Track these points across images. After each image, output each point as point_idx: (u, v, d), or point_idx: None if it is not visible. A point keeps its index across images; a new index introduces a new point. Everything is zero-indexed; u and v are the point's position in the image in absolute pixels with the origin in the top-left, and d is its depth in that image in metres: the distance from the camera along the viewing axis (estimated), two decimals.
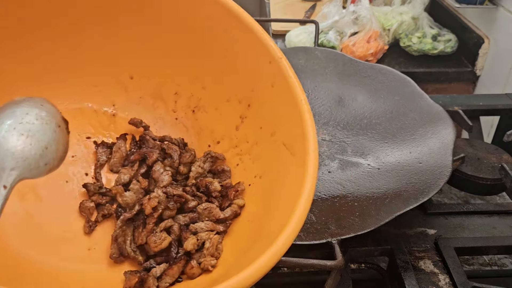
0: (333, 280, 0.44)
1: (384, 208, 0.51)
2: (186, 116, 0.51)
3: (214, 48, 0.47)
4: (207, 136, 0.50)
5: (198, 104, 0.50)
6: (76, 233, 0.43)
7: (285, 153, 0.42)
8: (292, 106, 0.42)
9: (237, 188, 0.45)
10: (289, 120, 0.42)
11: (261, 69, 0.45)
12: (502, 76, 1.07)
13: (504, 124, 0.77)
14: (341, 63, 0.79)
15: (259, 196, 0.44)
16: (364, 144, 0.65)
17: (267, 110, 0.45)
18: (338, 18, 1.24)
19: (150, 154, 0.47)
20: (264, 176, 0.44)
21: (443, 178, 0.53)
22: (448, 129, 0.61)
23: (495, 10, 1.09)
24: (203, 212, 0.43)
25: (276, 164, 0.43)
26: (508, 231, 0.58)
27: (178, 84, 0.50)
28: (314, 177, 0.37)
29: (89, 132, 0.49)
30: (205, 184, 0.45)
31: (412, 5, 1.25)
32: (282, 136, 0.43)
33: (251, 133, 0.47)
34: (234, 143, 0.48)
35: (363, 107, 0.72)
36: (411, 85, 0.71)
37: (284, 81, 0.43)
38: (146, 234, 0.41)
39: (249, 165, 0.46)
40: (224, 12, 0.45)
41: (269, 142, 0.44)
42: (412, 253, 0.54)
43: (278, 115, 0.44)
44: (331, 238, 0.47)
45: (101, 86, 0.49)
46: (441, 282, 0.50)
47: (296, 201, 0.35)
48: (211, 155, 0.47)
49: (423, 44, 1.19)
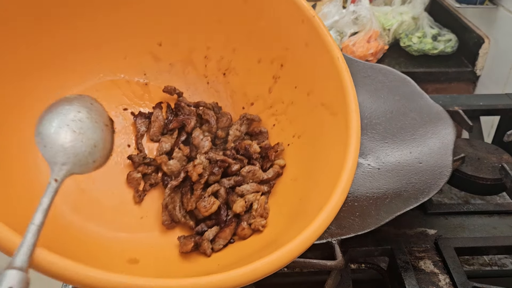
0: (333, 280, 0.44)
1: (384, 208, 0.51)
2: (218, 79, 0.50)
3: (243, 8, 0.46)
4: (240, 98, 0.49)
5: (229, 66, 0.50)
6: (127, 203, 0.44)
7: (324, 112, 0.42)
8: (329, 65, 0.41)
9: (277, 149, 0.45)
10: (326, 79, 0.42)
11: (293, 29, 0.44)
12: (502, 76, 1.07)
13: (504, 124, 0.77)
14: None
15: (300, 155, 0.44)
16: (364, 144, 0.65)
17: (302, 70, 0.45)
18: (338, 18, 1.24)
19: (188, 121, 0.47)
20: (303, 136, 0.44)
21: (443, 178, 0.53)
22: (448, 129, 0.61)
23: (495, 10, 1.09)
24: (247, 174, 0.44)
25: (315, 124, 0.43)
26: (508, 231, 0.58)
27: (207, 48, 0.50)
28: (358, 138, 0.37)
29: (125, 103, 0.49)
30: (244, 146, 0.46)
31: (412, 5, 1.25)
32: (320, 95, 0.43)
33: (285, 93, 0.46)
34: (269, 103, 0.48)
35: (363, 107, 0.72)
36: (411, 85, 0.71)
37: (318, 40, 0.42)
38: (195, 200, 0.42)
39: (286, 125, 0.46)
40: None
41: (305, 102, 0.44)
42: (412, 253, 0.54)
43: (313, 75, 0.43)
44: (331, 238, 0.47)
45: (130, 56, 0.49)
46: (441, 282, 0.50)
47: (341, 166, 0.35)
48: (246, 118, 0.48)
49: (423, 44, 1.19)
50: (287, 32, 0.45)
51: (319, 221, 0.33)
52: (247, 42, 0.48)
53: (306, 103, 0.44)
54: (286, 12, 0.44)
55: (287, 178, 0.44)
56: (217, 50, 0.50)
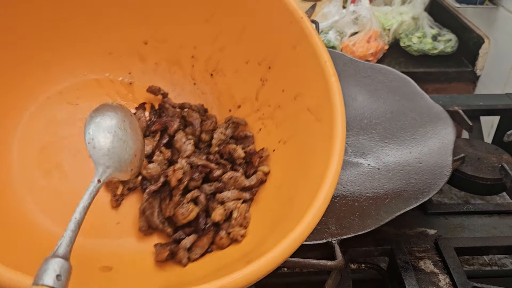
0: (333, 280, 0.44)
1: (384, 208, 0.51)
2: (205, 80, 0.49)
3: (231, 7, 0.45)
4: (227, 100, 0.48)
5: (216, 67, 0.48)
6: (104, 208, 0.42)
7: (310, 118, 0.40)
8: (316, 68, 0.40)
9: (261, 154, 0.44)
10: (313, 83, 0.40)
11: (281, 30, 0.43)
12: (502, 76, 1.07)
13: (504, 124, 0.77)
14: (341, 63, 0.79)
15: (285, 162, 0.43)
16: (364, 144, 0.65)
17: (289, 73, 0.43)
18: (338, 18, 1.24)
19: (171, 124, 0.46)
20: (289, 142, 0.43)
21: (443, 178, 0.53)
22: (448, 129, 0.61)
23: (495, 10, 1.09)
24: (229, 181, 0.42)
25: (301, 130, 0.41)
26: (508, 231, 0.58)
27: (194, 47, 0.49)
28: (341, 147, 0.36)
29: None
30: (228, 151, 0.44)
31: (412, 5, 1.25)
32: (306, 100, 0.41)
33: (273, 96, 0.45)
34: (256, 107, 0.46)
35: (363, 107, 0.72)
36: (411, 85, 0.71)
37: (306, 42, 0.41)
38: (173, 206, 0.41)
39: (273, 129, 0.45)
40: None
41: (292, 106, 0.43)
42: (412, 253, 0.54)
43: (301, 78, 0.42)
44: (331, 238, 0.47)
45: (115, 54, 0.48)
46: (441, 282, 0.50)
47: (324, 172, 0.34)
48: (232, 121, 0.46)
49: (423, 44, 1.19)
50: (275, 33, 0.44)
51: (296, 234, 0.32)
52: (235, 42, 0.47)
53: (292, 107, 0.43)
54: (274, 13, 0.43)
55: (271, 186, 0.43)
56: (204, 50, 0.49)
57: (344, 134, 0.36)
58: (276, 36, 0.44)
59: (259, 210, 0.42)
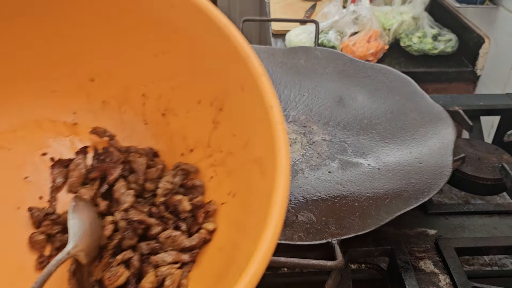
0: (333, 281, 0.44)
1: (384, 208, 0.51)
2: (156, 120, 0.46)
3: (179, 43, 0.42)
4: (180, 143, 0.45)
5: (168, 106, 0.45)
6: (28, 269, 0.38)
7: (256, 170, 0.36)
8: (263, 114, 0.36)
9: (208, 209, 0.39)
10: (260, 131, 0.36)
11: (229, 69, 0.40)
12: (502, 76, 1.07)
13: (504, 124, 0.77)
14: (341, 63, 0.79)
15: (232, 218, 0.38)
16: (365, 144, 0.65)
17: (239, 116, 0.40)
18: (338, 17, 1.24)
19: (111, 171, 0.41)
20: (238, 195, 0.39)
21: (444, 178, 0.53)
22: (449, 129, 0.61)
23: (495, 10, 1.09)
24: (166, 241, 0.38)
25: (248, 182, 0.37)
26: (508, 231, 0.58)
27: (144, 85, 0.46)
28: (281, 208, 0.31)
29: (45, 146, 0.44)
30: (173, 203, 0.40)
31: (412, 4, 1.24)
32: (254, 149, 0.37)
33: (225, 141, 0.42)
34: (208, 152, 0.43)
35: (363, 107, 0.72)
36: (411, 85, 0.71)
37: (253, 84, 0.37)
38: (101, 268, 0.37)
39: (223, 179, 0.41)
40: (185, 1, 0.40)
41: (242, 155, 0.39)
42: (412, 253, 0.54)
43: (249, 123, 0.38)
44: (331, 238, 0.46)
45: (59, 92, 0.45)
46: (442, 282, 0.50)
47: (260, 235, 0.30)
48: (181, 168, 0.42)
49: (423, 44, 1.19)
50: (223, 72, 0.41)
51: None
52: (186, 80, 0.44)
53: (243, 156, 0.39)
54: (221, 49, 0.40)
55: (215, 247, 0.39)
56: (155, 88, 0.45)
57: (287, 191, 0.31)
58: (224, 76, 0.41)
59: (202, 273, 0.37)
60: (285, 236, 0.48)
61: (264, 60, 0.81)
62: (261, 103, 0.36)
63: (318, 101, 0.75)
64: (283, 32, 1.34)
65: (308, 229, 0.49)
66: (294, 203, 0.55)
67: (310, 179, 0.60)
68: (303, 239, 0.48)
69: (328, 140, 0.68)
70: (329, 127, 0.70)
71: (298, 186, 0.58)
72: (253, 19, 0.86)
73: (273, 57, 0.82)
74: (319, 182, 0.59)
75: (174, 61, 0.44)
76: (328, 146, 0.66)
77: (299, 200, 0.55)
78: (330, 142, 0.67)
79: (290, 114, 0.73)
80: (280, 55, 0.82)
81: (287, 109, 0.74)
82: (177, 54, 0.44)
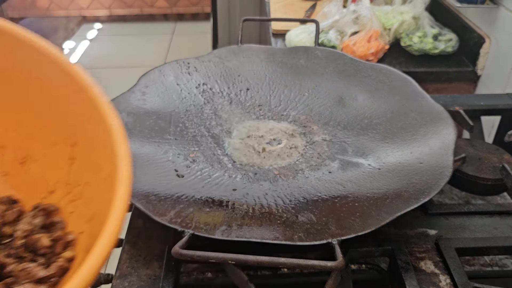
0: (333, 281, 0.44)
1: (384, 209, 0.51)
2: (16, 169, 0.46)
3: (17, 84, 0.43)
4: (41, 187, 0.45)
5: (27, 154, 0.46)
6: None
7: (107, 188, 0.37)
8: (106, 135, 0.37)
9: (66, 240, 0.40)
10: (108, 155, 0.38)
11: (73, 102, 0.41)
12: (503, 76, 1.07)
13: (505, 124, 0.77)
14: (341, 63, 0.79)
15: (91, 243, 0.38)
16: (365, 144, 0.65)
17: (91, 146, 0.41)
18: (338, 17, 1.24)
19: None
20: (93, 220, 0.39)
21: (444, 178, 0.53)
22: (449, 129, 0.61)
23: (496, 9, 1.09)
24: (20, 274, 0.37)
25: (103, 203, 0.38)
26: (509, 232, 0.58)
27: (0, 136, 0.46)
28: (119, 217, 0.32)
29: None
30: (32, 243, 0.40)
31: (413, 4, 1.24)
32: (104, 170, 0.39)
33: (82, 173, 0.43)
34: (68, 189, 0.44)
35: (363, 107, 0.71)
36: (412, 85, 0.70)
37: (95, 110, 0.39)
38: None
39: (83, 210, 0.42)
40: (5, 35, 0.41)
41: (97, 181, 0.40)
42: (412, 253, 0.54)
43: (100, 149, 0.40)
44: (331, 238, 0.46)
45: None
46: (442, 282, 0.50)
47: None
48: (41, 208, 0.43)
49: (424, 43, 1.19)
50: (68, 107, 0.42)
51: None
52: (39, 125, 0.45)
53: (97, 181, 0.40)
54: (61, 83, 0.41)
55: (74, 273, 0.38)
56: (11, 138, 0.46)
57: (126, 196, 0.33)
58: (71, 110, 0.42)
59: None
60: (285, 237, 0.48)
61: (264, 60, 0.81)
62: (104, 125, 0.38)
63: (318, 101, 0.75)
64: (283, 32, 1.34)
65: (308, 230, 0.49)
66: (295, 203, 0.55)
67: (310, 179, 0.60)
68: (303, 240, 0.47)
69: (329, 140, 0.67)
70: (330, 127, 0.70)
71: (298, 186, 0.58)
72: (253, 18, 0.86)
73: (273, 57, 0.82)
74: (320, 182, 0.59)
75: (22, 107, 0.45)
76: (329, 146, 0.66)
77: (299, 200, 0.55)
78: (331, 142, 0.67)
79: (290, 114, 0.73)
80: (280, 55, 0.82)
81: (287, 109, 0.74)
82: (21, 97, 0.44)
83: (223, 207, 0.54)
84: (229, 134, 0.69)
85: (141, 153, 0.61)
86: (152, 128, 0.66)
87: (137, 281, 0.51)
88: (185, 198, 0.54)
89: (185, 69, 0.78)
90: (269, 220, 0.51)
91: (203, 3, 3.55)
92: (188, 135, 0.67)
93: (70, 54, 3.10)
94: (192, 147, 0.65)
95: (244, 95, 0.77)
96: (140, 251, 0.55)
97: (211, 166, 0.62)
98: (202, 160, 0.63)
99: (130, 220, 0.60)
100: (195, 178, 0.59)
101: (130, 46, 3.24)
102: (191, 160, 0.62)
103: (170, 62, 0.78)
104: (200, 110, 0.72)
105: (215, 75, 0.78)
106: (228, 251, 0.43)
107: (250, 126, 0.71)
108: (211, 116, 0.72)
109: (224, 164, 0.63)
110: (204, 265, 0.54)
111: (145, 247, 0.55)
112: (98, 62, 3.02)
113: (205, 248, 0.44)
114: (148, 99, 0.71)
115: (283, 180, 0.60)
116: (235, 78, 0.79)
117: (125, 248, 0.55)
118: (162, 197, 0.53)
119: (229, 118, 0.72)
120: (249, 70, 0.80)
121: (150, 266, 0.53)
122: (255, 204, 0.55)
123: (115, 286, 0.50)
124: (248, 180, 0.60)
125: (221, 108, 0.74)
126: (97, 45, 3.28)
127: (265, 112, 0.74)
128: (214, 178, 0.60)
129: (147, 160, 0.60)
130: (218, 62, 0.80)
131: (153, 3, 3.57)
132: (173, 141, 0.65)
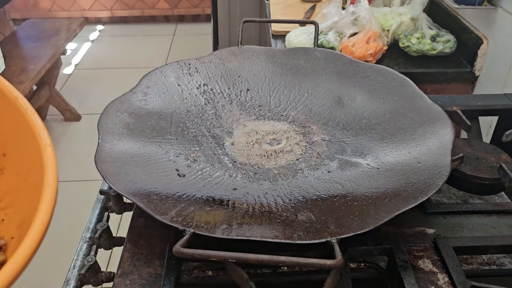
0: (332, 279, 0.45)
1: (383, 208, 0.52)
2: None
3: None
4: None
5: None
6: None
7: (37, 195, 0.38)
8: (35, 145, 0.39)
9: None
10: (36, 163, 0.39)
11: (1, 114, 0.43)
12: (500, 76, 1.07)
13: (502, 124, 0.77)
14: (340, 64, 0.79)
15: None
16: (364, 144, 0.66)
17: (20, 154, 0.43)
18: (337, 19, 1.25)
19: None
20: (24, 225, 0.40)
21: (442, 177, 0.54)
22: (447, 129, 0.61)
23: (493, 11, 1.10)
24: None
25: (32, 211, 0.39)
26: (506, 231, 0.58)
27: None
28: (28, 252, 0.32)
29: None
30: None
31: (411, 6, 1.25)
32: (32, 177, 0.40)
33: (11, 182, 0.44)
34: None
35: (362, 107, 0.72)
36: (410, 85, 0.71)
37: (23, 122, 0.40)
38: None
39: (13, 217, 0.43)
40: None
41: (26, 188, 0.41)
42: (411, 252, 0.54)
43: (27, 156, 0.41)
44: (330, 237, 0.47)
45: None
46: (440, 281, 0.51)
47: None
48: None
49: (422, 44, 1.20)
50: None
51: None
52: None
53: (27, 189, 0.41)
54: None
55: None
56: None
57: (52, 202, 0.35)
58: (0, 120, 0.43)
59: None
60: (285, 235, 0.48)
61: (264, 60, 0.82)
62: (31, 135, 0.39)
63: (317, 102, 0.75)
64: (283, 33, 1.34)
65: (308, 228, 0.50)
66: (294, 202, 0.55)
67: (309, 179, 0.60)
68: (303, 238, 0.48)
69: (328, 140, 0.68)
70: (329, 127, 0.70)
71: (297, 186, 0.59)
72: (253, 20, 0.87)
73: (273, 57, 0.82)
74: (319, 181, 0.59)
75: None
76: (328, 146, 0.67)
77: (299, 199, 0.56)
78: (330, 142, 0.67)
79: (290, 114, 0.74)
80: (280, 56, 0.83)
81: (287, 109, 0.75)
82: None
83: (223, 206, 0.54)
84: (230, 134, 0.70)
85: (143, 153, 0.61)
86: (153, 128, 0.67)
87: (138, 279, 0.51)
88: (186, 197, 0.55)
89: (186, 70, 0.78)
90: (269, 219, 0.52)
91: (204, 5, 3.56)
92: (189, 135, 0.68)
93: (73, 55, 3.11)
94: (193, 147, 0.66)
95: (244, 95, 0.77)
96: (141, 250, 0.55)
97: (211, 165, 0.63)
98: (202, 160, 0.63)
99: (131, 219, 0.60)
100: (196, 177, 0.60)
101: (131, 47, 3.25)
102: (192, 160, 0.63)
103: (171, 63, 0.78)
104: (201, 111, 0.73)
105: (216, 76, 0.79)
106: (228, 250, 0.44)
107: (250, 126, 0.72)
108: (212, 116, 0.72)
109: (224, 163, 0.63)
110: (205, 263, 0.55)
111: (147, 245, 0.56)
112: (100, 63, 3.03)
113: (205, 247, 0.44)
114: (149, 100, 0.71)
115: (282, 179, 0.60)
116: (235, 78, 0.79)
117: (126, 247, 0.56)
118: (163, 196, 0.54)
119: (229, 118, 0.73)
120: (249, 71, 0.80)
121: (151, 264, 0.53)
122: (255, 203, 0.55)
123: (116, 284, 0.51)
124: (248, 179, 0.60)
125: (222, 109, 0.74)
126: (99, 46, 3.30)
127: (265, 112, 0.75)
128: (214, 177, 0.60)
129: (148, 159, 0.61)
130: (218, 63, 0.81)
131: (154, 5, 3.57)
132: (174, 141, 0.66)
